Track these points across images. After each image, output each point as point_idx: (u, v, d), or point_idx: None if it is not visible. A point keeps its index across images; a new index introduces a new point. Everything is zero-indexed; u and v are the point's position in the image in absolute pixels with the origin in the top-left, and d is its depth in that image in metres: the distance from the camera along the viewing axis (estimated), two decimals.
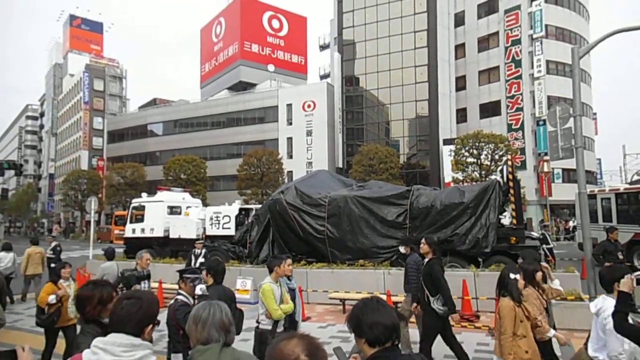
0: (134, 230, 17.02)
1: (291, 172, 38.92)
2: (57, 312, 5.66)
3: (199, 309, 2.13)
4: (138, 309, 1.96)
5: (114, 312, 2.00)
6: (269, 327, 4.69)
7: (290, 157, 41.59)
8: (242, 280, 10.90)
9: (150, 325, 2.01)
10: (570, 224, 33.91)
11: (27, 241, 13.11)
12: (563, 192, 34.85)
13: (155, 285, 10.50)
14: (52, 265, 13.34)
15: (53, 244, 13.70)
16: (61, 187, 54.36)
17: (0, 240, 26.52)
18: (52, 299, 5.63)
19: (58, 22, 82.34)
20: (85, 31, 73.76)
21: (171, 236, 15.98)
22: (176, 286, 11.19)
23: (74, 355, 1.95)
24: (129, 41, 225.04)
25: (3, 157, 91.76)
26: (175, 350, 4.04)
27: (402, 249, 7.41)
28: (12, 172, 28.76)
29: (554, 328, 4.46)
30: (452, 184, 28.27)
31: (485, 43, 41.33)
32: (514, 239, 10.67)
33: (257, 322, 4.84)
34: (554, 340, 4.36)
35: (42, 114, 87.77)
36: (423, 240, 5.70)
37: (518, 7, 38.44)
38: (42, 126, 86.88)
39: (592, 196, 16.32)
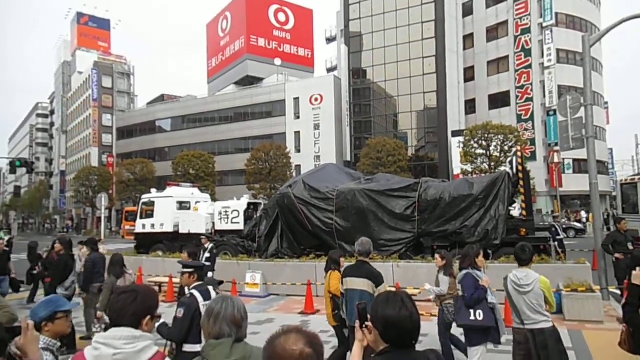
0: (144, 226, 17.16)
1: (299, 166, 38.93)
2: None
3: (212, 303, 2.16)
4: (133, 300, 1.98)
5: (112, 307, 2.02)
6: None
7: (298, 151, 41.57)
8: (251, 274, 10.96)
9: (148, 317, 2.02)
10: (582, 214, 33.59)
11: (41, 238, 13.29)
12: (574, 183, 34.49)
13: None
14: None
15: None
16: (72, 184, 54.93)
17: (14, 238, 26.93)
18: None
19: (66, 20, 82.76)
20: (92, 28, 74.09)
21: (181, 231, 16.09)
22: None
23: (76, 354, 1.97)
24: (136, 38, 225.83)
25: (15, 155, 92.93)
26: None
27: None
28: (24, 169, 29.12)
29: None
30: (461, 176, 28.10)
31: (494, 33, 40.84)
32: (524, 230, 10.58)
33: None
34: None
35: (52, 112, 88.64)
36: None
37: None
38: (52, 124, 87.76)
39: (632, 185, 15.22)
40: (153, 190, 19.17)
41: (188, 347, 3.61)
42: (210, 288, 4.14)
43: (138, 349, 1.90)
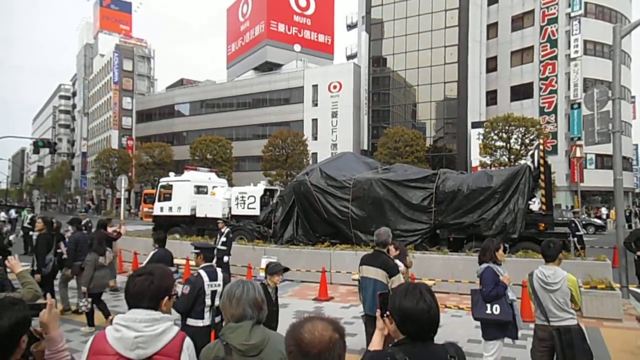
0: (162, 209, 17.42)
1: (316, 153, 38.89)
2: None
3: (232, 286, 2.19)
4: (150, 283, 1.99)
5: (127, 290, 2.03)
6: None
7: (315, 138, 41.51)
8: (266, 260, 11.05)
9: (166, 298, 2.04)
10: (603, 210, 32.91)
11: (63, 217, 13.59)
12: (596, 179, 33.73)
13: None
14: None
15: (85, 220, 14.18)
16: (93, 166, 56.04)
17: (36, 216, 27.65)
18: None
19: (88, 3, 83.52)
20: (114, 11, 74.73)
21: (197, 215, 16.27)
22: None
23: (97, 333, 2.01)
24: (157, 21, 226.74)
25: (38, 136, 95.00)
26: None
27: None
28: (47, 150, 29.78)
29: None
30: (479, 168, 27.72)
31: (519, 22, 39.80)
32: (543, 225, 10.42)
33: None
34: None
35: (74, 94, 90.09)
36: None
37: None
38: (74, 105, 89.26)
39: None
40: (171, 174, 19.37)
41: (191, 322, 3.92)
42: (218, 270, 4.32)
43: (159, 331, 1.92)
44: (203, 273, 4.09)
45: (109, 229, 8.85)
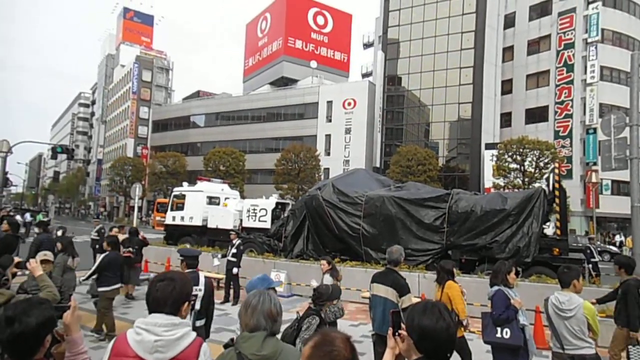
0: (174, 218, 17.55)
1: (328, 169, 38.97)
2: None
3: (250, 296, 2.23)
4: (172, 289, 2.04)
5: (149, 294, 2.07)
6: None
7: (328, 154, 41.65)
8: (276, 273, 11.04)
9: (186, 303, 2.08)
10: (617, 238, 32.28)
11: (76, 223, 13.81)
12: (612, 205, 33.17)
13: None
14: (97, 246, 14.04)
15: (98, 226, 14.37)
16: (108, 173, 56.75)
17: (51, 220, 28.05)
18: None
19: (112, 15, 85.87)
20: (137, 23, 76.71)
21: (209, 226, 16.35)
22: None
23: (119, 335, 2.05)
24: (177, 35, 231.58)
25: (57, 141, 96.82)
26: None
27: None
28: (64, 156, 30.31)
29: None
30: (492, 190, 27.51)
31: (535, 46, 39.86)
32: (557, 250, 10.27)
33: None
34: None
35: (93, 102, 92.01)
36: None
37: (573, 9, 36.82)
38: (92, 113, 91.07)
39: None
40: (185, 184, 19.57)
41: None
42: (201, 274, 4.60)
43: (177, 336, 1.96)
44: None
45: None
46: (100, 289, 6.96)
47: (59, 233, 10.09)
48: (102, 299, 6.91)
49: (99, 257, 7.23)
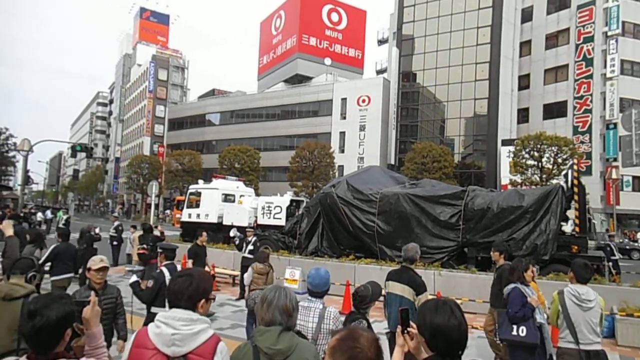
0: (190, 215, 17.76)
1: (342, 166, 38.93)
2: None
3: (267, 290, 2.27)
4: (189, 285, 2.07)
5: (169, 289, 2.13)
6: None
7: (342, 151, 41.59)
8: (291, 270, 11.08)
9: (203, 300, 2.10)
10: (638, 235, 31.57)
11: (94, 220, 14.07)
12: (633, 202, 32.49)
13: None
14: (115, 243, 14.29)
15: (116, 223, 14.61)
16: (125, 171, 57.62)
17: (70, 217, 28.61)
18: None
19: (129, 15, 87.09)
20: (153, 23, 77.61)
21: (224, 223, 16.49)
22: (229, 270, 11.54)
23: (141, 328, 2.10)
24: (192, 34, 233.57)
25: (76, 140, 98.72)
26: None
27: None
28: (84, 154, 30.89)
29: None
30: (509, 186, 27.11)
31: (553, 40, 39.12)
32: (576, 247, 10.10)
33: None
34: None
35: (111, 101, 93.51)
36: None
37: (592, 2, 36.01)
38: (110, 112, 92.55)
39: None
40: (200, 182, 19.77)
41: (154, 309, 4.60)
42: (178, 266, 5.04)
43: (194, 331, 2.00)
44: (165, 270, 4.88)
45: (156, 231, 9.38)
46: (52, 278, 7.15)
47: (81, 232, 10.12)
48: (53, 289, 7.11)
49: (50, 248, 7.34)
